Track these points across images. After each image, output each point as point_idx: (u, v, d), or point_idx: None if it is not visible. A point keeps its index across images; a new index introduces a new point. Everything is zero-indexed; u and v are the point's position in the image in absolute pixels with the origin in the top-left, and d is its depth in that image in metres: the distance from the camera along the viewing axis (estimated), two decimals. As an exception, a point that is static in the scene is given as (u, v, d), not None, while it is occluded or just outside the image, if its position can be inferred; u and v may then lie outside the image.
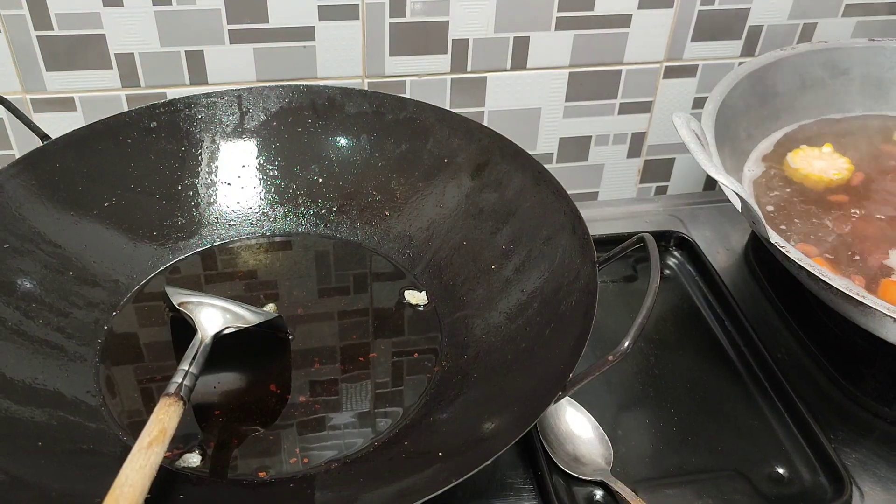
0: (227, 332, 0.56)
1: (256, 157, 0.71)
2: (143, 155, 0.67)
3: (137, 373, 0.58)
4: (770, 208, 0.72)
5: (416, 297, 0.64)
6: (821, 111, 0.82)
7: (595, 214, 0.84)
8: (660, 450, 0.60)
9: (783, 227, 0.69)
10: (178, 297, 0.59)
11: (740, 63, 0.80)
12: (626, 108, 0.83)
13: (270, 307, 0.64)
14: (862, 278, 0.65)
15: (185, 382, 0.51)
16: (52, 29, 0.69)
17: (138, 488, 0.44)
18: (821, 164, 0.76)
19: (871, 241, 0.68)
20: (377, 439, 0.55)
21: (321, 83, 0.75)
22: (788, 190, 0.74)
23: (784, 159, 0.77)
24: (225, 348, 0.56)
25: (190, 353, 0.53)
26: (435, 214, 0.68)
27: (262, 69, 0.74)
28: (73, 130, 0.65)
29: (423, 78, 0.77)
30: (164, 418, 0.49)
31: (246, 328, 0.57)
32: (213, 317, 0.57)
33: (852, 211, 0.71)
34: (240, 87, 0.71)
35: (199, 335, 0.55)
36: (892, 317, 0.54)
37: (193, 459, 0.53)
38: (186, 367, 0.52)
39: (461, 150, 0.68)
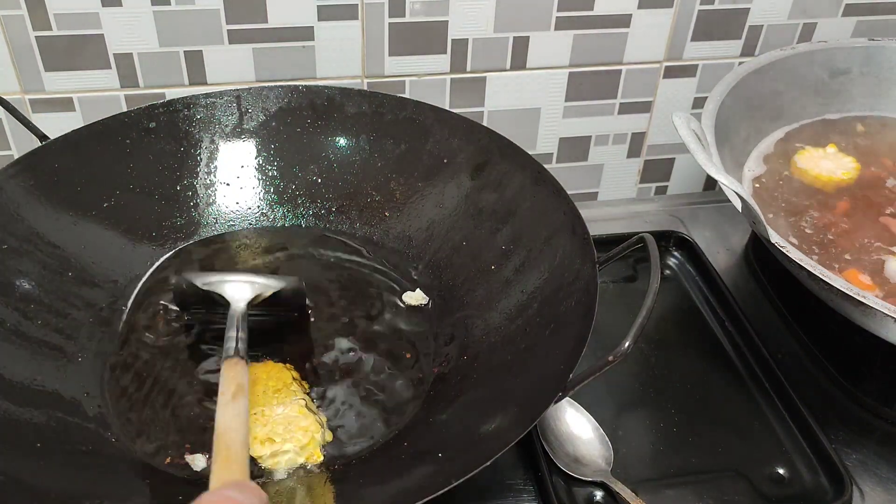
0: (257, 301, 0.58)
1: (255, 158, 0.71)
2: (141, 155, 0.67)
3: (136, 374, 0.58)
4: (770, 214, 0.72)
5: (415, 298, 0.64)
6: (821, 111, 0.82)
7: (595, 214, 0.84)
8: (660, 450, 0.60)
9: (812, 231, 0.69)
10: (200, 279, 0.60)
11: (740, 63, 0.79)
12: (625, 108, 0.83)
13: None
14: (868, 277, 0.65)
15: (238, 346, 0.53)
16: (51, 29, 0.68)
17: (242, 431, 0.46)
18: (828, 164, 0.76)
19: (880, 241, 0.68)
20: (377, 440, 0.54)
21: (320, 83, 0.75)
22: (796, 191, 0.74)
23: (790, 161, 0.77)
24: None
25: (231, 322, 0.55)
26: (434, 215, 0.68)
27: (261, 69, 0.74)
28: (72, 131, 0.65)
29: (423, 78, 0.77)
30: (236, 375, 0.50)
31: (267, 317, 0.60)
32: (240, 289, 0.59)
33: (868, 210, 0.71)
34: (239, 87, 0.71)
35: (232, 308, 0.57)
36: (892, 317, 0.54)
37: (199, 462, 0.52)
38: (235, 334, 0.54)
39: (461, 150, 0.68)
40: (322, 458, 0.53)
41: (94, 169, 0.65)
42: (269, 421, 0.53)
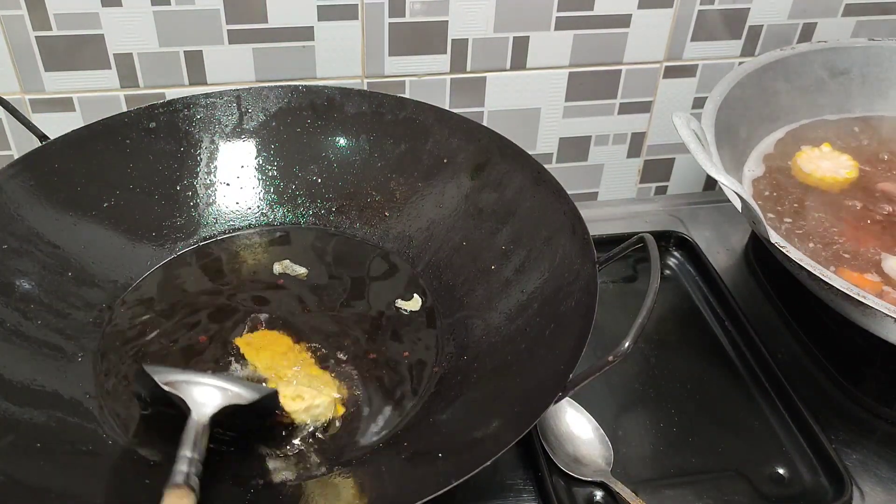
0: (223, 413, 0.51)
1: (255, 158, 0.71)
2: (141, 155, 0.67)
3: (136, 374, 0.58)
4: (771, 214, 0.72)
5: (410, 305, 0.64)
6: (821, 111, 0.82)
7: (595, 214, 0.84)
8: (660, 450, 0.60)
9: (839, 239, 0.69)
10: (164, 375, 0.52)
11: (740, 63, 0.79)
12: (625, 108, 0.83)
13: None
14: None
15: (191, 471, 0.46)
16: (51, 29, 0.68)
17: None
18: (827, 164, 0.76)
19: (881, 241, 0.68)
20: (377, 440, 0.54)
21: (320, 83, 0.75)
22: (797, 191, 0.74)
23: (790, 161, 0.76)
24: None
25: (188, 437, 0.48)
26: (434, 215, 0.68)
27: (261, 69, 0.74)
28: (72, 131, 0.65)
29: (423, 78, 0.77)
30: None
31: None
32: (207, 395, 0.51)
33: (880, 208, 0.71)
34: (239, 87, 0.71)
35: (193, 417, 0.49)
36: (892, 317, 0.54)
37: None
38: (189, 454, 0.47)
39: (461, 150, 0.68)
40: (343, 410, 0.55)
41: (94, 169, 0.65)
42: (291, 380, 0.54)
